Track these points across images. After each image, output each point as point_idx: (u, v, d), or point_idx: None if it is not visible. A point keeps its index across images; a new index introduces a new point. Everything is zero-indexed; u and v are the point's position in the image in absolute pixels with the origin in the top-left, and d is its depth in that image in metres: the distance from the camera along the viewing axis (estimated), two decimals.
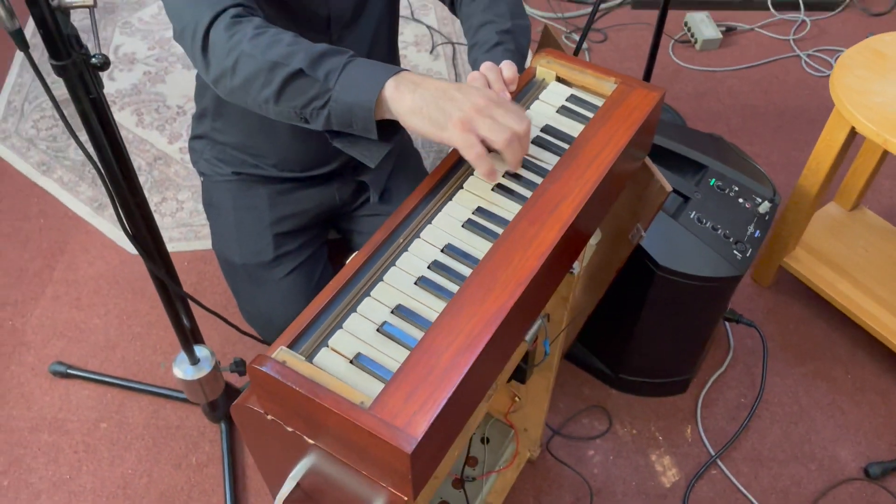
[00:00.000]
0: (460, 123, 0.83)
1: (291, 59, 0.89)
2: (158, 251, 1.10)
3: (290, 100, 0.90)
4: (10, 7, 0.75)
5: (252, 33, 0.93)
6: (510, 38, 1.10)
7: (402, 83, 0.85)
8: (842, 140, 1.39)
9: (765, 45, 2.39)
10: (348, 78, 0.87)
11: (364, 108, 0.86)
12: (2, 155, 2.08)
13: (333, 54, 0.89)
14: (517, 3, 1.16)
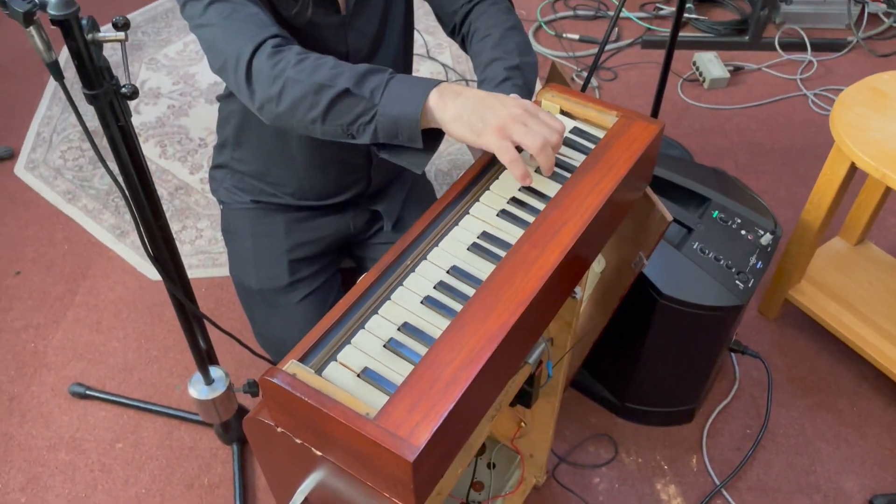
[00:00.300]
0: (497, 130, 0.89)
1: (337, 80, 0.95)
2: (178, 273, 1.14)
3: (338, 118, 0.97)
4: (48, 40, 0.82)
5: (295, 59, 0.99)
6: (518, 74, 1.15)
7: (445, 93, 0.92)
8: (842, 175, 1.43)
9: (772, 85, 2.44)
10: (392, 93, 0.94)
11: (410, 119, 0.92)
12: (30, 184, 2.16)
13: (375, 72, 0.96)
14: (525, 42, 1.22)
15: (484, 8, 1.25)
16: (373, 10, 1.29)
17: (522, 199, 0.95)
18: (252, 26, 1.03)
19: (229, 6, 1.05)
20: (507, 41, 1.19)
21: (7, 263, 1.95)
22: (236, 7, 1.05)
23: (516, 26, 1.23)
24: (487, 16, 1.23)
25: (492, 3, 1.26)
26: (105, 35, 0.83)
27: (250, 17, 1.05)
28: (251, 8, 1.06)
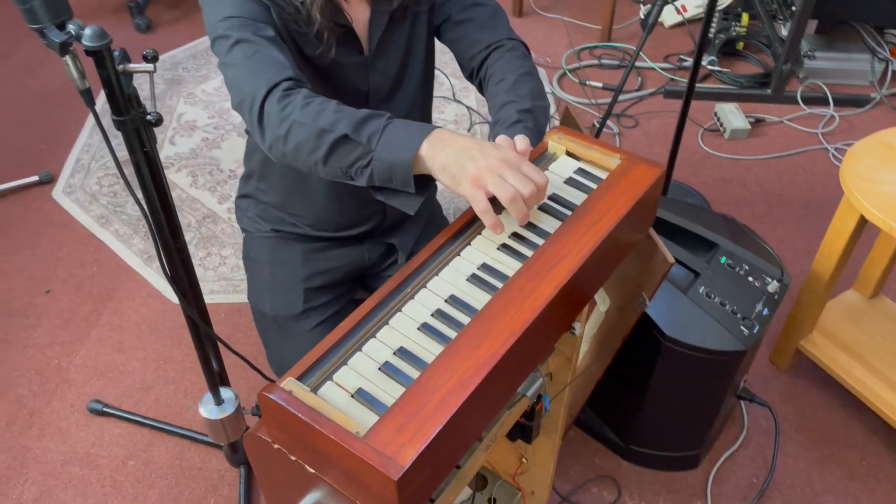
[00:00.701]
0: (472, 180, 0.92)
1: (337, 125, 1.00)
2: (194, 294, 1.19)
3: (337, 161, 1.02)
4: (83, 69, 0.88)
5: (301, 103, 1.05)
6: (529, 117, 1.20)
7: (435, 142, 0.97)
8: (852, 227, 1.44)
9: (793, 137, 2.46)
10: (388, 139, 0.98)
11: (404, 165, 0.97)
12: (66, 207, 2.25)
13: (374, 118, 1.01)
14: (538, 87, 1.26)
15: (501, 54, 1.30)
16: (394, 51, 1.35)
17: (523, 234, 0.99)
18: (270, 68, 1.09)
19: (252, 47, 1.12)
20: (520, 86, 1.24)
21: (39, 282, 2.02)
22: (258, 49, 1.12)
23: (531, 72, 1.28)
24: (504, 61, 1.29)
25: (508, 49, 1.31)
26: (134, 66, 0.89)
27: (270, 59, 1.11)
28: (273, 50, 1.13)
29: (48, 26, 0.83)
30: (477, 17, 1.33)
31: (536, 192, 0.94)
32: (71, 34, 0.84)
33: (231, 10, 1.16)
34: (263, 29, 1.16)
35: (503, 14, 1.36)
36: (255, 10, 1.17)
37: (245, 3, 1.17)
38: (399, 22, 1.32)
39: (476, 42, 1.32)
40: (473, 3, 1.34)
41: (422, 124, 1.00)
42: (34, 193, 2.30)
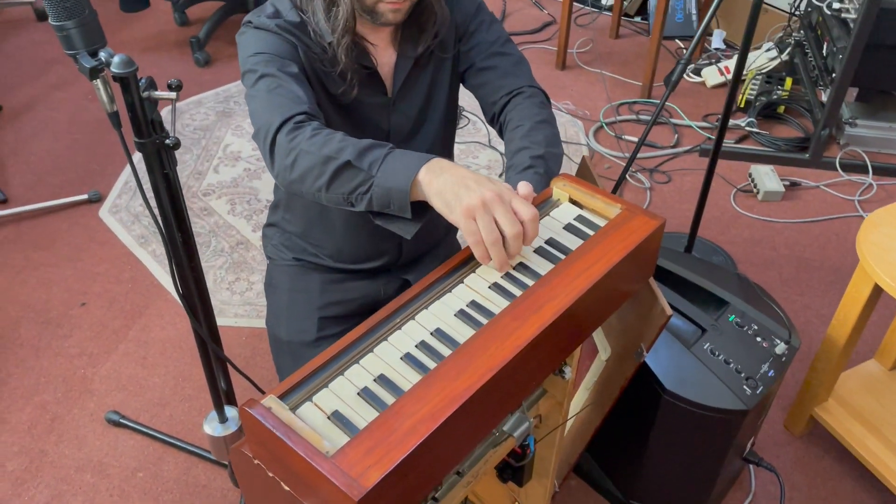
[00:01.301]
0: (465, 210, 0.95)
1: (341, 153, 1.05)
2: (205, 313, 1.24)
3: (339, 187, 1.07)
4: (112, 94, 0.95)
5: (309, 134, 1.11)
6: (541, 163, 1.23)
7: (433, 169, 1.00)
8: (867, 294, 1.42)
9: (828, 203, 2.43)
10: (388, 167, 1.03)
11: (401, 191, 1.01)
12: (110, 226, 2.36)
13: (376, 147, 1.06)
14: (552, 135, 1.29)
15: (520, 101, 1.34)
16: (417, 94, 1.41)
17: (515, 275, 1.01)
18: (287, 102, 1.15)
19: (275, 81, 1.19)
20: (535, 133, 1.28)
21: (76, 295, 2.12)
22: (281, 83, 1.19)
23: (547, 120, 1.31)
24: (522, 108, 1.33)
25: (527, 96, 1.35)
26: (159, 94, 0.96)
27: (289, 93, 1.17)
28: (293, 85, 1.19)
29: (82, 53, 0.91)
30: (500, 65, 1.38)
31: (521, 235, 0.96)
32: (101, 61, 0.91)
33: (261, 47, 1.24)
34: (288, 66, 1.23)
35: (526, 63, 1.41)
36: (283, 48, 1.25)
37: (274, 41, 1.25)
38: (423, 67, 1.38)
39: (498, 88, 1.37)
40: (497, 52, 1.39)
41: (422, 154, 1.04)
42: (82, 211, 2.41)
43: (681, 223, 2.29)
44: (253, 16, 1.29)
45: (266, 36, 1.25)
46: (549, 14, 3.54)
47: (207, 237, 2.31)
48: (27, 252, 2.25)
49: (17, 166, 2.60)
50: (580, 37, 3.35)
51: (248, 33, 1.27)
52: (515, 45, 1.42)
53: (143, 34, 3.43)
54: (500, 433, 1.12)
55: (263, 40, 1.25)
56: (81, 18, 0.89)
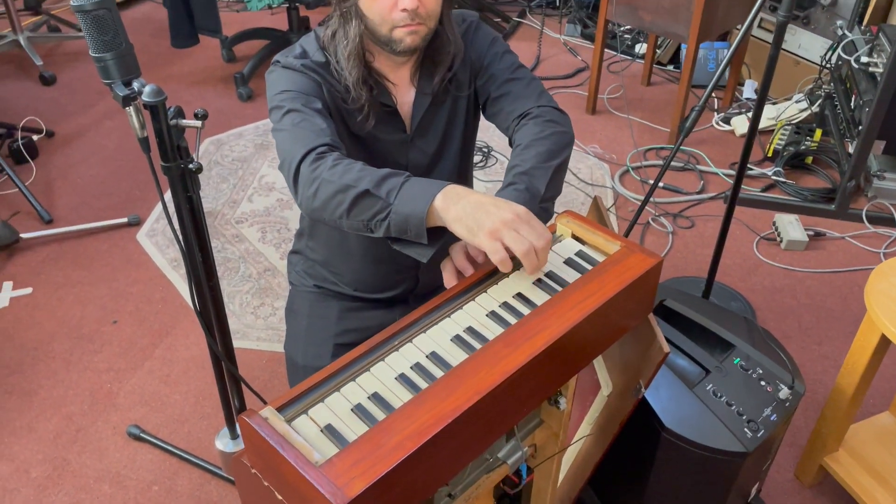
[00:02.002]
0: (489, 233, 1.01)
1: (360, 182, 1.12)
2: (221, 331, 1.30)
3: (359, 214, 1.13)
4: (143, 121, 1.03)
5: (330, 164, 1.17)
6: (524, 179, 1.24)
7: (449, 196, 1.06)
8: (874, 343, 1.42)
9: (852, 254, 2.42)
10: (405, 194, 1.08)
11: (417, 217, 1.07)
12: (146, 248, 2.46)
13: (394, 175, 1.12)
14: (549, 150, 1.29)
15: (525, 122, 1.36)
16: (434, 131, 1.46)
17: (513, 304, 1.05)
18: (310, 135, 1.22)
19: (300, 116, 1.26)
20: (529, 150, 1.29)
21: (109, 313, 2.21)
22: (305, 118, 1.26)
23: (546, 136, 1.31)
24: (525, 129, 1.35)
25: (533, 116, 1.36)
26: (186, 122, 1.04)
27: (313, 126, 1.24)
28: (317, 119, 1.26)
29: (117, 82, 0.99)
30: (512, 90, 1.41)
31: (548, 245, 1.03)
32: (134, 90, 0.99)
33: (288, 85, 1.32)
34: (313, 102, 1.30)
35: (536, 84, 1.43)
36: (308, 86, 1.32)
37: (300, 80, 1.32)
38: (440, 104, 1.44)
39: (509, 114, 1.40)
40: (509, 78, 1.43)
41: (439, 181, 1.09)
42: (121, 233, 2.52)
43: (701, 268, 2.30)
44: (281, 56, 1.37)
45: (293, 75, 1.33)
46: (582, 60, 3.62)
47: (237, 263, 2.39)
48: (67, 270, 2.36)
49: (64, 189, 2.73)
50: (612, 83, 3.41)
51: (277, 72, 1.35)
52: (527, 69, 1.45)
53: (193, 69, 3.59)
54: (494, 459, 1.15)
55: (290, 79, 1.32)
56: (119, 51, 0.97)
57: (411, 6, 1.23)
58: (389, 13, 1.25)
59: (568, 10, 3.99)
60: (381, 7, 1.25)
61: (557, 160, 1.28)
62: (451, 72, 1.40)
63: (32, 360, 2.05)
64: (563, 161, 1.30)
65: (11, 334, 2.13)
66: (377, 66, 1.37)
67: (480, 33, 1.46)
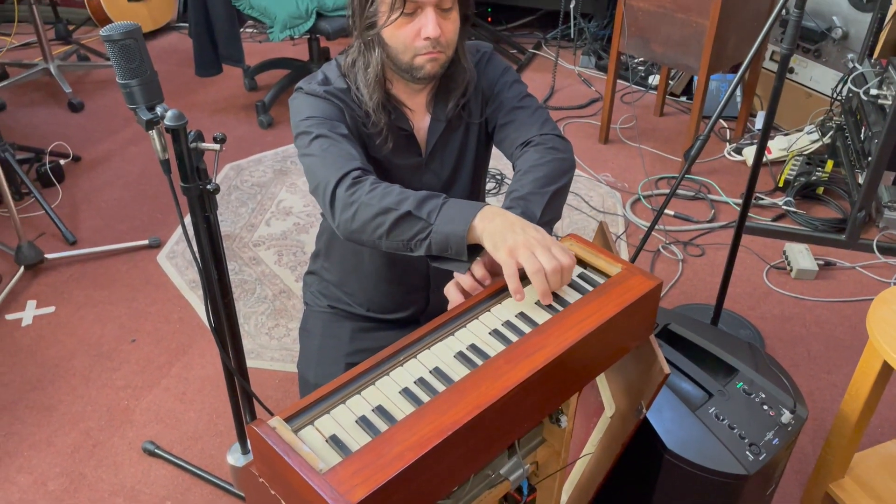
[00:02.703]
0: (508, 250, 1.09)
1: (401, 204, 1.19)
2: (234, 347, 1.35)
3: (400, 235, 1.20)
4: (165, 144, 1.09)
5: (368, 188, 1.24)
6: (520, 203, 1.28)
7: (486, 215, 1.14)
8: (877, 370, 1.43)
9: (862, 284, 2.42)
10: (446, 215, 1.16)
11: (459, 236, 1.15)
12: (166, 270, 2.52)
13: (432, 198, 1.19)
14: (546, 175, 1.33)
15: (528, 149, 1.40)
16: (448, 155, 1.51)
17: (515, 323, 1.09)
18: (342, 160, 1.28)
19: (328, 141, 1.32)
20: (527, 175, 1.33)
21: (128, 332, 2.26)
22: (333, 142, 1.32)
23: (545, 162, 1.35)
24: (527, 155, 1.39)
25: (535, 144, 1.40)
26: (206, 145, 1.09)
27: (343, 151, 1.30)
28: (345, 144, 1.32)
29: (141, 107, 1.05)
30: (518, 118, 1.46)
31: (560, 270, 1.08)
32: (157, 115, 1.05)
33: (312, 111, 1.38)
34: (338, 127, 1.36)
35: (542, 112, 1.47)
36: (331, 111, 1.38)
37: (324, 106, 1.38)
38: (454, 130, 1.49)
39: (514, 141, 1.44)
40: (516, 106, 1.47)
41: (474, 202, 1.18)
42: (142, 255, 2.59)
43: (710, 295, 2.32)
44: (304, 82, 1.43)
45: (316, 101, 1.38)
46: (596, 91, 3.67)
47: (253, 284, 2.45)
48: (89, 290, 2.43)
49: (88, 212, 2.82)
50: (625, 113, 3.46)
51: (300, 98, 1.41)
52: (535, 98, 1.50)
53: (216, 97, 3.69)
54: (496, 475, 1.17)
55: (314, 105, 1.38)
56: (144, 78, 1.03)
57: (434, 34, 1.29)
58: (413, 41, 1.31)
59: (583, 43, 4.06)
60: (404, 36, 1.31)
61: (555, 185, 1.32)
62: (464, 98, 1.45)
63: (53, 376, 2.10)
64: (561, 186, 1.34)
65: (34, 351, 2.19)
66: (395, 93, 1.43)
67: (493, 63, 1.51)
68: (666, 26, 2.82)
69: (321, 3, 3.18)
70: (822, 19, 2.98)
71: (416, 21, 1.29)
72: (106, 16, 3.97)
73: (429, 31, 1.28)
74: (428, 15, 1.27)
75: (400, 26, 1.29)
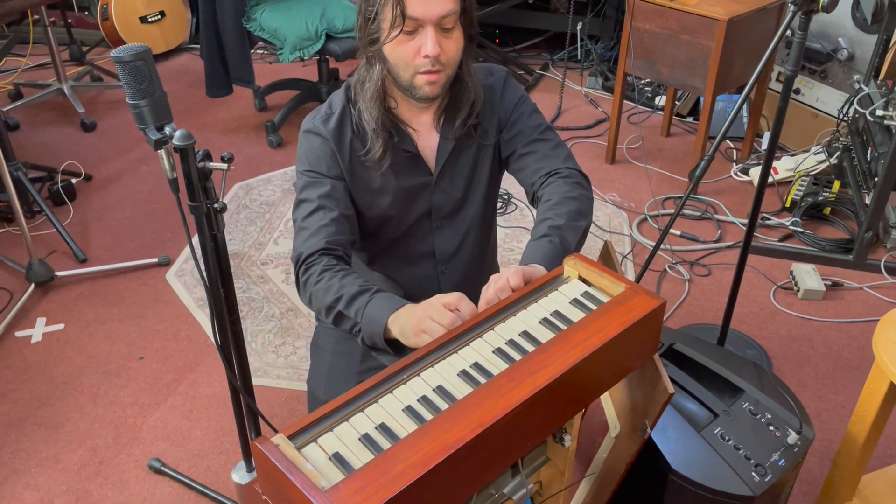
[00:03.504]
0: (414, 333, 1.17)
1: (337, 303, 1.29)
2: (240, 364, 1.36)
3: (341, 326, 1.32)
4: (173, 163, 1.10)
5: (315, 280, 1.33)
6: (557, 233, 1.33)
7: (398, 316, 1.22)
8: (883, 391, 1.42)
9: (870, 305, 2.41)
10: (368, 314, 1.26)
11: (377, 334, 1.24)
12: (174, 287, 2.54)
13: (361, 294, 1.28)
14: (579, 210, 1.38)
15: (555, 180, 1.44)
16: (459, 175, 1.52)
17: (518, 342, 1.09)
18: (312, 238, 1.38)
19: (308, 208, 1.41)
20: (560, 206, 1.38)
21: (136, 349, 2.28)
22: (313, 210, 1.40)
23: (576, 197, 1.40)
24: (555, 185, 1.43)
25: (563, 176, 1.45)
26: (213, 165, 1.11)
27: (318, 224, 1.39)
28: (320, 213, 1.40)
29: (150, 127, 1.06)
30: (540, 149, 1.49)
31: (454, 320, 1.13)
32: (165, 134, 1.06)
33: (306, 161, 1.45)
34: (323, 184, 1.42)
35: (564, 147, 1.51)
36: (323, 159, 1.43)
37: (317, 148, 1.43)
38: (465, 149, 1.50)
39: (536, 171, 1.47)
40: (537, 138, 1.50)
41: (397, 301, 1.26)
42: (151, 273, 2.61)
43: (717, 315, 2.31)
44: (309, 118, 1.47)
45: (311, 143, 1.44)
46: (602, 111, 3.69)
47: (261, 303, 2.46)
48: (98, 308, 2.44)
49: (99, 230, 2.84)
50: (631, 133, 3.47)
51: (301, 139, 1.47)
52: (555, 131, 1.52)
53: (226, 117, 3.73)
54: (500, 495, 1.17)
55: (310, 150, 1.44)
56: (153, 98, 1.05)
57: (433, 52, 1.31)
58: (413, 59, 1.33)
59: (589, 64, 4.09)
60: (405, 53, 1.33)
61: (585, 222, 1.39)
62: (471, 117, 1.46)
63: (61, 393, 2.11)
64: (588, 224, 1.40)
65: (43, 368, 2.20)
66: (399, 113, 1.44)
67: (510, 88, 1.53)
68: (672, 48, 2.84)
69: (330, 25, 3.22)
70: (827, 41, 3.00)
71: (416, 39, 1.31)
72: (119, 37, 4.03)
73: (428, 49, 1.30)
74: (428, 33, 1.29)
75: (400, 43, 1.31)
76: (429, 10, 1.28)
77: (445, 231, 1.58)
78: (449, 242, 1.59)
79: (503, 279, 1.18)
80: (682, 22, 2.77)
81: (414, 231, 1.56)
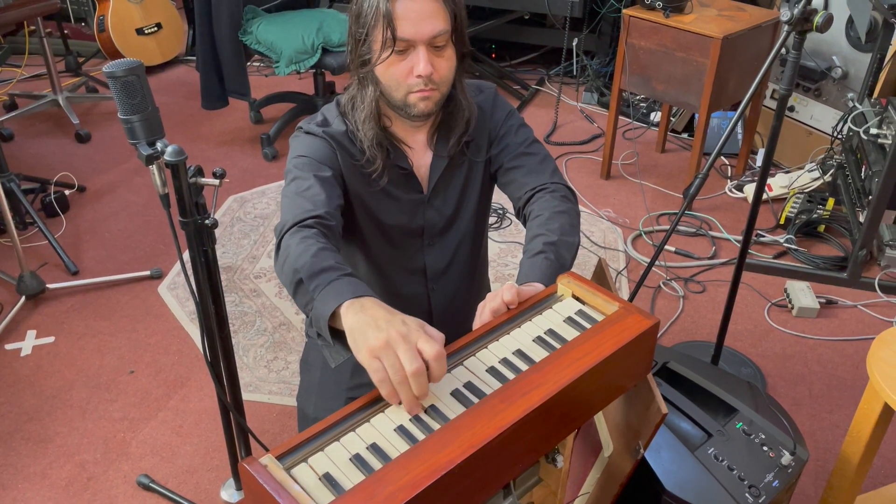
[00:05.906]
0: (369, 350, 0.96)
1: (302, 269, 1.12)
2: (230, 381, 1.34)
3: (299, 299, 1.15)
4: (165, 178, 1.10)
5: (297, 241, 1.19)
6: (552, 249, 1.30)
7: (353, 306, 1.03)
8: (878, 412, 1.42)
9: (865, 323, 2.41)
10: (325, 294, 1.08)
11: (323, 318, 1.06)
12: (166, 301, 2.52)
13: (329, 271, 1.11)
14: (570, 224, 1.37)
15: (543, 195, 1.43)
16: (451, 192, 1.52)
17: (512, 360, 1.08)
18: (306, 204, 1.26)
19: (304, 184, 1.31)
20: (552, 221, 1.36)
21: (126, 363, 2.26)
22: (308, 186, 1.30)
23: (566, 211, 1.39)
24: (543, 201, 1.42)
25: (550, 191, 1.44)
26: (205, 180, 1.10)
27: (312, 196, 1.28)
28: (318, 188, 1.31)
29: (141, 142, 1.06)
30: (526, 164, 1.48)
31: (420, 373, 0.94)
32: (157, 150, 1.06)
33: (304, 150, 1.39)
34: (323, 169, 1.36)
35: (551, 161, 1.50)
36: (323, 151, 1.39)
37: (318, 145, 1.40)
38: (457, 167, 1.50)
39: (523, 185, 1.46)
40: (524, 152, 1.50)
41: (360, 287, 1.07)
42: (143, 286, 2.59)
43: (711, 333, 2.31)
44: (305, 122, 1.45)
45: (312, 140, 1.40)
46: (598, 127, 3.70)
47: (253, 317, 2.45)
48: (89, 321, 2.43)
49: (91, 242, 2.83)
50: (627, 149, 3.48)
51: (299, 137, 1.43)
52: (542, 145, 1.52)
53: (222, 129, 3.72)
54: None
55: (308, 144, 1.40)
56: (145, 114, 1.04)
57: (426, 72, 1.30)
58: (405, 79, 1.32)
59: (585, 80, 4.11)
60: (397, 73, 1.32)
61: (577, 238, 1.35)
62: (466, 134, 1.46)
63: (51, 407, 2.09)
64: (579, 240, 1.37)
65: (32, 381, 2.18)
66: (394, 131, 1.44)
67: (498, 104, 1.53)
68: (667, 65, 2.85)
69: (326, 38, 3.23)
70: (822, 59, 3.01)
71: (408, 59, 1.30)
72: (115, 49, 4.03)
73: (420, 70, 1.29)
74: (420, 53, 1.29)
75: (392, 64, 1.30)
76: (419, 31, 1.27)
77: (436, 248, 1.57)
78: (440, 259, 1.58)
79: (498, 299, 1.16)
80: (678, 39, 2.78)
81: (405, 248, 1.56)
